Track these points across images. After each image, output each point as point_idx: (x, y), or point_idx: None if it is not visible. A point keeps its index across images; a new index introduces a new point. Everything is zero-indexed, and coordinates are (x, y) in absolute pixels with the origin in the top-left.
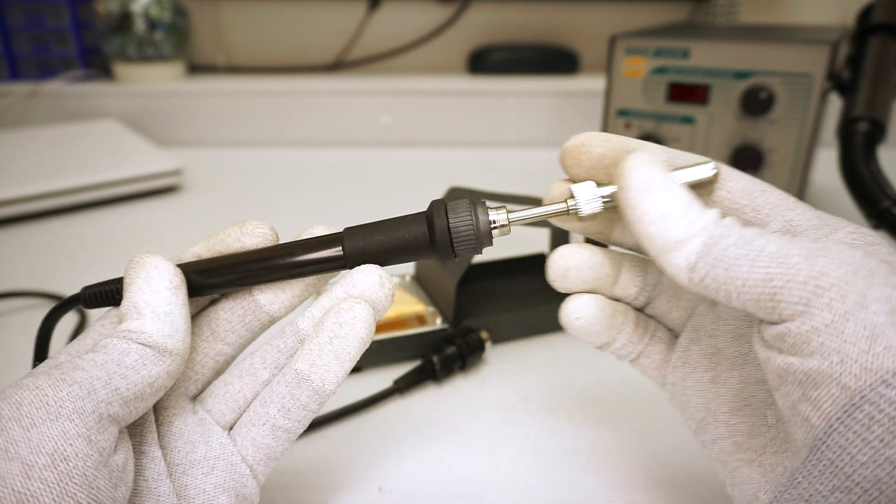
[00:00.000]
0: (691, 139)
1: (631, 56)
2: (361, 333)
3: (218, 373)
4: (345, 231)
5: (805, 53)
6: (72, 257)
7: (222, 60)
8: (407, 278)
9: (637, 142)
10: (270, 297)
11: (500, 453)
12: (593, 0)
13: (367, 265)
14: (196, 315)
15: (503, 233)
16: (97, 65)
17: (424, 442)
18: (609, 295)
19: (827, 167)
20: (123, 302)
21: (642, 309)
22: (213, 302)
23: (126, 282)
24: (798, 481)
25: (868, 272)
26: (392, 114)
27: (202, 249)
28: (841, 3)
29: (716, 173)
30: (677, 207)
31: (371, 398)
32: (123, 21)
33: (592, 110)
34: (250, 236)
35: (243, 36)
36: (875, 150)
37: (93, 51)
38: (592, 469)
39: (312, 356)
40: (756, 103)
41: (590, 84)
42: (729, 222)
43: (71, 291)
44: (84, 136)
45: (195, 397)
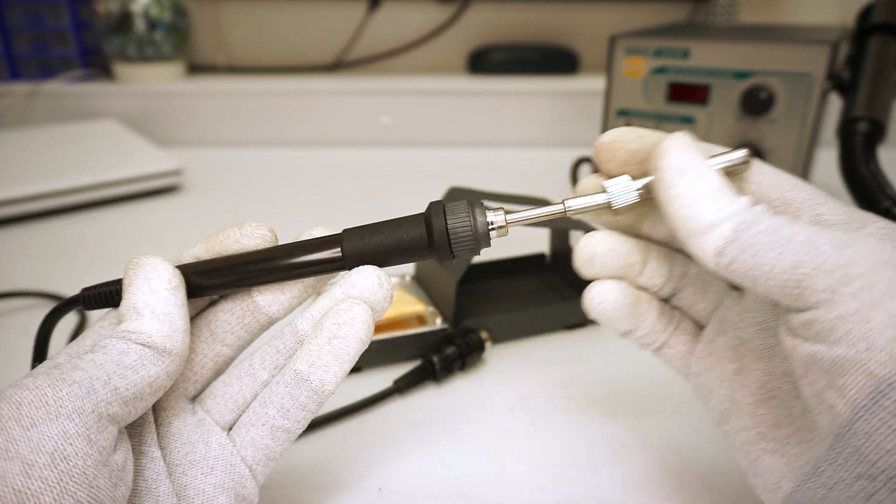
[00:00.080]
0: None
1: (631, 56)
2: (360, 334)
3: (217, 374)
4: (344, 232)
5: (805, 53)
6: (72, 257)
7: (222, 60)
8: (407, 278)
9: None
10: (269, 299)
11: (500, 453)
12: (593, 0)
13: (366, 266)
14: (195, 316)
15: (501, 234)
16: (97, 65)
17: (424, 442)
18: (635, 283)
19: (827, 167)
20: (122, 302)
21: (668, 300)
22: (213, 303)
23: (125, 282)
24: (822, 469)
25: None
26: (392, 114)
27: (201, 251)
28: (841, 3)
29: (748, 161)
30: (710, 192)
31: (371, 398)
32: (123, 21)
33: (592, 110)
34: (249, 237)
35: (243, 36)
36: (875, 150)
37: (93, 51)
38: (592, 469)
39: (311, 357)
40: (756, 103)
41: (590, 84)
42: (760, 210)
43: (71, 291)
44: (84, 136)
45: (194, 398)
